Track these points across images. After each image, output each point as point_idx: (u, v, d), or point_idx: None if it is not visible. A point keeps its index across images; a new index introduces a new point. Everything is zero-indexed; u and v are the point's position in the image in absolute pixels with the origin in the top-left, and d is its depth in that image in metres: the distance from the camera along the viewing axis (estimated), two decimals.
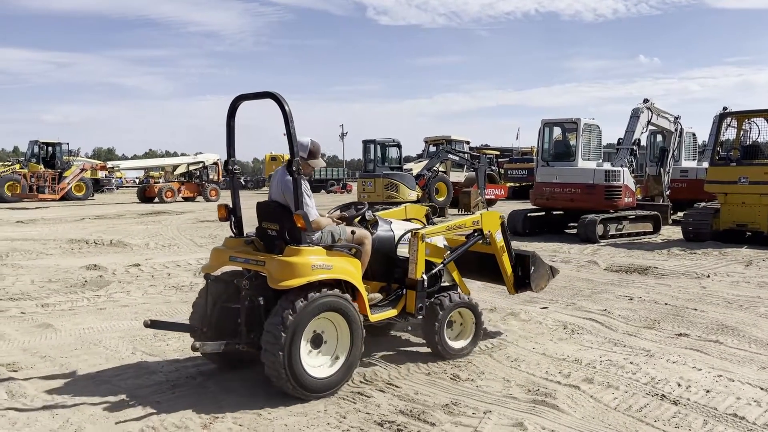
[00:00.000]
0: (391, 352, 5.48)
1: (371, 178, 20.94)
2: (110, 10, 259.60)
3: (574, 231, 14.45)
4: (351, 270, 4.59)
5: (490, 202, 24.32)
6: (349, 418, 4.09)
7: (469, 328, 5.47)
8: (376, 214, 5.54)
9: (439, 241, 5.59)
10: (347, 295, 4.53)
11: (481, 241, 5.72)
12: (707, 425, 3.99)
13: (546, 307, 7.28)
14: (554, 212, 15.56)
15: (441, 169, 23.86)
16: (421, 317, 5.16)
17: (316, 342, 4.50)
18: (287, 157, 4.48)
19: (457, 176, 25.24)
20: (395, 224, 5.58)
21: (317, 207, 4.83)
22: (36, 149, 33.57)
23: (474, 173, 23.12)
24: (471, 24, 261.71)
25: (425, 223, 6.16)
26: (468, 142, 27.26)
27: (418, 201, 21.04)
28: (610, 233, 14.00)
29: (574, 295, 8.01)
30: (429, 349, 5.36)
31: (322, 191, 46.80)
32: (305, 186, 4.56)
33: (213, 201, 31.77)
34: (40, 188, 30.48)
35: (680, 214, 15.68)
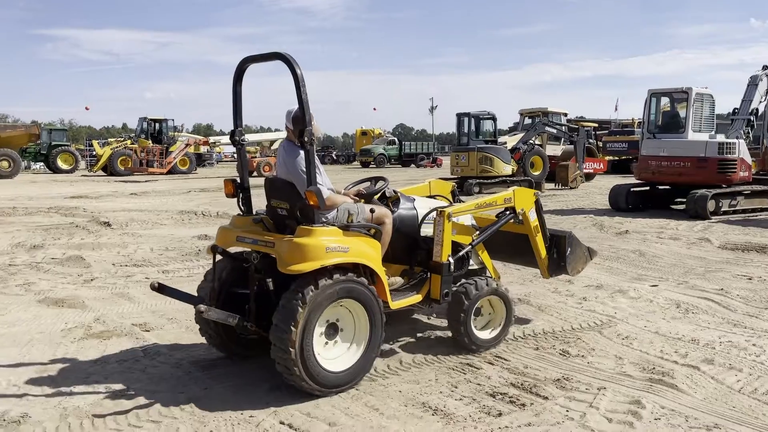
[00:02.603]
0: None
1: (465, 151, 20.74)
2: None
3: (681, 207, 13.76)
4: (370, 252, 4.16)
5: (588, 177, 23.57)
6: (460, 387, 4.15)
7: (499, 316, 5.00)
8: (398, 190, 5.16)
9: (467, 221, 5.22)
10: (365, 280, 4.10)
11: (513, 221, 5.28)
12: None
13: (656, 285, 7.02)
14: (659, 187, 14.87)
15: (537, 142, 23.31)
16: (446, 303, 4.75)
17: (332, 332, 4.11)
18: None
19: (554, 149, 24.58)
20: (418, 201, 5.14)
21: (336, 183, 4.52)
22: (144, 125, 35.77)
23: (572, 146, 22.45)
24: None
25: (451, 200, 5.73)
26: (566, 114, 26.50)
27: (513, 175, 20.72)
28: (722, 209, 13.24)
29: (685, 273, 7.67)
30: (530, 323, 5.13)
31: (412, 165, 46.02)
32: (317, 159, 4.15)
33: None
34: (150, 162, 32.37)
35: None
